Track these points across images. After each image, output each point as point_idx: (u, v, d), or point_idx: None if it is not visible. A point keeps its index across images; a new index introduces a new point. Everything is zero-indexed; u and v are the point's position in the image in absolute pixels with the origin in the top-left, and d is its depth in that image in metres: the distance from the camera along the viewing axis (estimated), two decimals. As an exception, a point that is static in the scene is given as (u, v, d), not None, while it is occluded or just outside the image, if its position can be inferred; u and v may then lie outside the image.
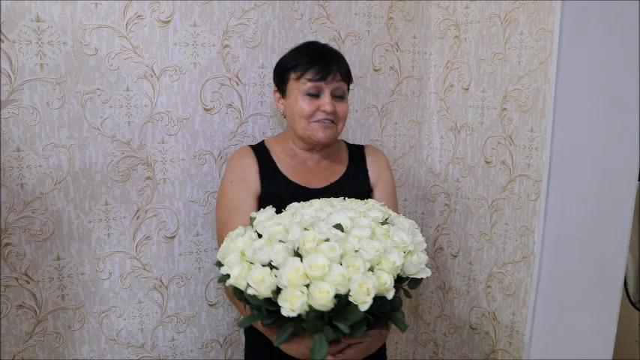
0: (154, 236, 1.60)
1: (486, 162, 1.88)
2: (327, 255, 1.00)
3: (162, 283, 1.64)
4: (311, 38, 1.75)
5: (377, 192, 1.55)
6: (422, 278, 1.12)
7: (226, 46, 1.60)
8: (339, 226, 1.10)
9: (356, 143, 1.67)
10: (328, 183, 1.50)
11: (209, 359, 1.77)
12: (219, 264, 1.12)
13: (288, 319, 1.01)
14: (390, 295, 1.03)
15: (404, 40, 1.95)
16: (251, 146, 1.53)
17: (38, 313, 1.48)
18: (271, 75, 1.69)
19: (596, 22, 1.68)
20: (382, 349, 1.55)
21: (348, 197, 1.31)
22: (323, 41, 1.76)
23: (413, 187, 2.08)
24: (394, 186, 1.60)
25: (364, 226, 1.11)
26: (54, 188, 1.45)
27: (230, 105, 1.65)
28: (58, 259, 1.48)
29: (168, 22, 1.51)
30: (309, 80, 1.40)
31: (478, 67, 1.87)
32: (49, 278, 1.48)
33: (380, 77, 1.92)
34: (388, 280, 1.02)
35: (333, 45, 1.79)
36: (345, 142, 1.64)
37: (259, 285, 1.01)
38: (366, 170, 1.56)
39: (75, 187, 1.47)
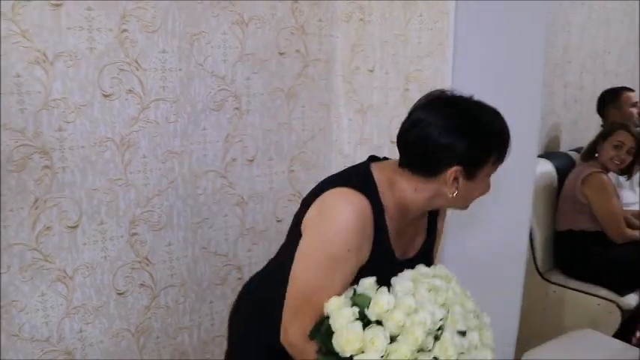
0: (55, 226, 1.56)
1: (392, 142, 1.94)
2: None
3: (66, 273, 1.60)
4: (213, 23, 1.74)
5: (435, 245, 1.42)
6: None
7: (124, 30, 1.57)
8: (462, 333, 1.11)
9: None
10: (418, 249, 1.32)
11: (121, 349, 1.75)
12: (329, 347, 1.08)
13: None
14: None
15: (309, 24, 1.97)
16: (367, 197, 1.16)
17: None
18: (173, 60, 1.68)
19: (489, 2, 1.77)
20: None
21: (427, 261, 1.28)
22: (225, 25, 1.77)
23: (323, 169, 2.12)
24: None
25: (473, 327, 1.14)
26: (-59, 180, 1.38)
27: (130, 90, 1.62)
28: (-50, 254, 1.42)
29: (59, 5, 1.46)
30: (498, 163, 1.22)
31: (382, 48, 1.93)
32: (-60, 275, 1.42)
33: (285, 61, 1.94)
34: None
35: (237, 31, 1.80)
36: None
37: None
38: (435, 227, 1.39)
39: (-35, 178, 1.41)
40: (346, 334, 1.05)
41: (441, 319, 1.08)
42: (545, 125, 3.25)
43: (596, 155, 2.79)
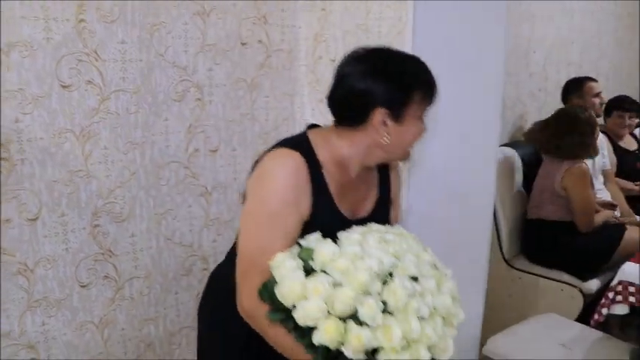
0: (15, 219, 1.55)
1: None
2: (417, 314, 1.02)
3: (27, 267, 1.59)
4: (174, 13, 1.74)
5: (392, 207, 1.43)
6: None
7: (82, 20, 1.56)
8: (414, 278, 1.07)
9: None
10: (370, 210, 1.33)
11: (85, 341, 1.74)
12: (277, 304, 1.06)
13: None
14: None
15: (272, 14, 1.98)
16: (302, 154, 1.20)
17: None
18: (133, 50, 1.67)
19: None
20: None
21: (381, 221, 1.26)
22: (187, 15, 1.77)
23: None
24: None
25: (428, 275, 1.11)
26: None
27: (90, 81, 1.61)
28: None
29: (13, -6, 1.44)
30: (430, 103, 1.24)
31: (343, 38, 1.94)
32: None
33: (247, 51, 1.94)
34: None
35: (198, 22, 1.80)
36: None
37: (357, 348, 0.99)
38: (389, 188, 1.40)
39: None
40: (288, 282, 1.04)
41: (390, 267, 1.06)
42: (512, 115, 3.31)
43: None
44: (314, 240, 1.11)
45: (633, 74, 4.42)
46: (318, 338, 1.01)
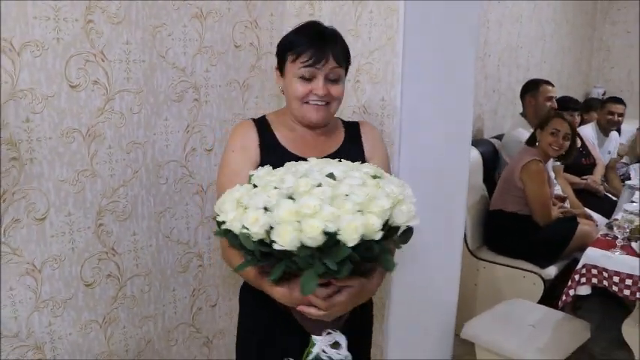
0: (24, 219, 1.54)
1: (343, 130, 2.05)
2: (319, 197, 1.07)
3: (35, 267, 1.59)
4: (174, 15, 1.78)
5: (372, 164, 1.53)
6: (412, 232, 1.21)
7: (90, 21, 1.58)
8: (331, 176, 1.15)
9: (350, 120, 1.67)
10: (325, 154, 1.48)
11: (89, 340, 1.75)
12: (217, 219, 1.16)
13: (281, 260, 1.07)
14: (377, 237, 1.08)
15: (262, 18, 2.04)
16: (252, 119, 1.55)
17: None
18: (136, 51, 1.70)
19: (436, 2, 1.92)
20: (369, 308, 1.62)
21: None
22: (186, 18, 1.81)
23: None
24: (388, 160, 1.64)
25: (356, 177, 1.16)
26: None
27: (96, 82, 1.63)
28: None
29: (25, -6, 1.45)
30: (303, 65, 1.40)
31: (332, 42, 2.03)
32: None
33: (241, 53, 2.00)
34: (377, 223, 1.07)
35: (196, 24, 1.85)
36: (341, 119, 1.65)
37: (253, 225, 1.06)
38: (362, 145, 1.58)
39: None
40: (228, 197, 1.16)
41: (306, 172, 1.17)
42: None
43: (537, 144, 3.04)
44: (263, 172, 1.24)
45: (573, 76, 4.75)
46: (245, 227, 1.09)
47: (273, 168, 1.25)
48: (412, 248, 2.09)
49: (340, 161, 1.27)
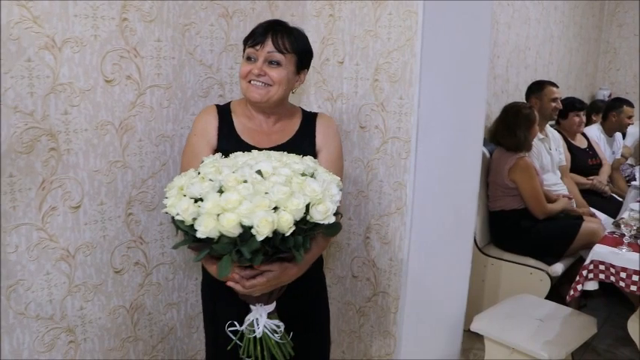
0: (60, 207, 1.62)
1: (361, 127, 2.13)
2: (241, 193, 1.23)
3: (69, 253, 1.66)
4: (202, 14, 1.85)
5: (321, 156, 1.67)
6: (338, 227, 1.40)
7: (125, 19, 1.65)
8: (259, 172, 1.30)
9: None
10: (276, 144, 1.63)
11: (117, 325, 1.83)
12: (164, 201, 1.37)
13: (206, 242, 1.24)
14: (289, 232, 1.24)
15: (284, 18, 2.11)
16: (217, 106, 1.69)
17: (-57, 291, 1.44)
18: (167, 49, 1.78)
19: (453, 4, 1.99)
20: (323, 289, 1.82)
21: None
22: (213, 17, 1.89)
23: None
24: (340, 153, 1.73)
25: (283, 174, 1.31)
26: (-45, 162, 1.41)
27: (129, 77, 1.70)
28: (-38, 234, 1.46)
29: (67, -7, 1.52)
30: (248, 46, 1.60)
31: (352, 43, 2.10)
32: (-47, 254, 1.45)
33: (264, 51, 2.07)
34: (290, 219, 1.24)
35: (223, 23, 1.92)
36: (303, 109, 1.77)
37: (184, 213, 1.26)
38: (314, 136, 1.69)
39: (-23, 160, 1.45)
40: (175, 183, 1.35)
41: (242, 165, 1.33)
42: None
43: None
44: (211, 160, 1.41)
45: (580, 78, 4.81)
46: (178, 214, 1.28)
47: (227, 154, 1.45)
48: (428, 243, 2.18)
49: (284, 153, 1.46)
